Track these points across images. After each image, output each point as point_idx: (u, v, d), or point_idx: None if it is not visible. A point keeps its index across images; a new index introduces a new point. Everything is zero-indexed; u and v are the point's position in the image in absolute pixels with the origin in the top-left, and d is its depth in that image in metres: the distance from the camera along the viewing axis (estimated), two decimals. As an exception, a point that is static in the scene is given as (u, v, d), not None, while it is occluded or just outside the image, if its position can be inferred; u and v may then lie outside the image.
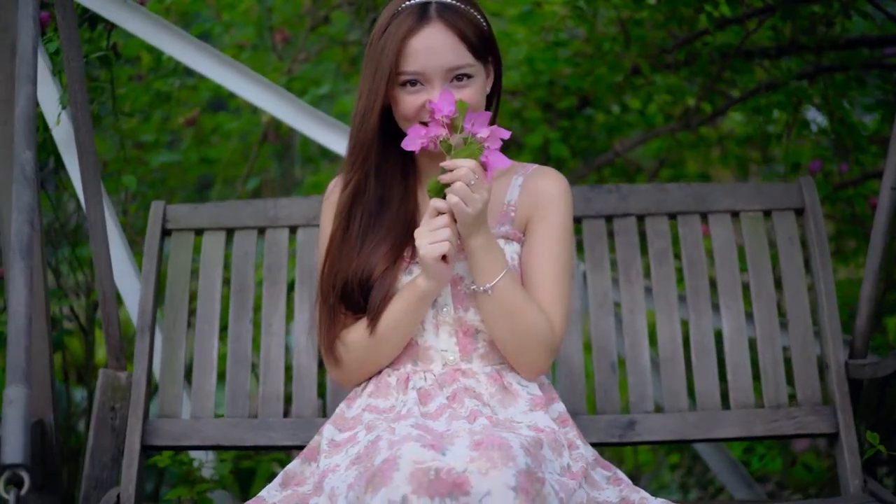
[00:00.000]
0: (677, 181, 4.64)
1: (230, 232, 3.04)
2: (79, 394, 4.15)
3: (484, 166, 2.35)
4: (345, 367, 2.54)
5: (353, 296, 2.51)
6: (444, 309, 2.51)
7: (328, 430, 2.49)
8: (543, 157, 4.36)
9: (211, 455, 3.33)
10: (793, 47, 3.85)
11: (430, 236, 2.38)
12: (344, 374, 2.56)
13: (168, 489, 3.85)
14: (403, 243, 2.52)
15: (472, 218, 2.36)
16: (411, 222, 2.52)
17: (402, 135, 2.46)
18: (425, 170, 2.57)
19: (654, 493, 2.91)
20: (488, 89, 2.55)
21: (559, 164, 4.35)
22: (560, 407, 2.54)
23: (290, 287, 3.11)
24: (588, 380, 3.15)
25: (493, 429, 2.26)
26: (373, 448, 2.23)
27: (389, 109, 2.51)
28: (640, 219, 3.03)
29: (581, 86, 4.09)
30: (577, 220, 3.01)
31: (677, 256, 3.04)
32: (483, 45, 2.49)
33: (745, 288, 2.96)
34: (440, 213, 2.39)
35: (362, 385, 2.56)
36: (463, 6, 2.48)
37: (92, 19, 3.39)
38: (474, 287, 2.45)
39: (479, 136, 2.35)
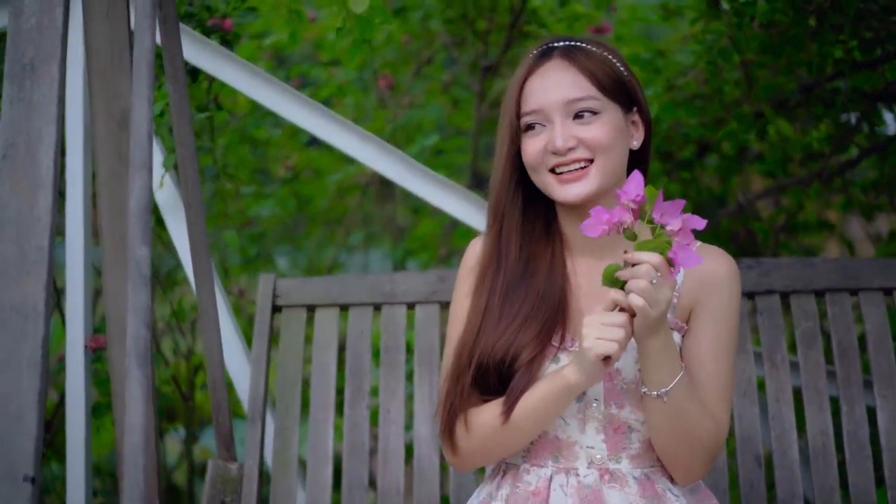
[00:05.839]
0: (803, 233, 4.39)
1: (344, 308, 2.87)
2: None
3: (670, 262, 2.07)
4: (465, 451, 2.32)
5: (488, 376, 2.29)
6: (594, 404, 2.28)
7: None
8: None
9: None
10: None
11: (601, 331, 2.11)
12: (463, 459, 2.34)
13: None
14: (554, 324, 2.29)
15: (654, 320, 2.10)
16: (561, 296, 2.30)
17: (543, 195, 2.31)
18: (572, 236, 2.35)
19: None
20: (635, 144, 2.33)
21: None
22: None
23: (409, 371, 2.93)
24: (731, 476, 2.91)
25: None
26: None
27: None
28: (784, 296, 2.82)
29: (702, 134, 3.86)
30: (715, 298, 2.80)
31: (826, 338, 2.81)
32: (615, 86, 2.28)
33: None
34: (618, 307, 2.13)
35: (495, 481, 2.35)
36: (591, 47, 2.30)
37: (192, 71, 3.24)
38: (645, 390, 2.19)
39: (668, 227, 2.07)
